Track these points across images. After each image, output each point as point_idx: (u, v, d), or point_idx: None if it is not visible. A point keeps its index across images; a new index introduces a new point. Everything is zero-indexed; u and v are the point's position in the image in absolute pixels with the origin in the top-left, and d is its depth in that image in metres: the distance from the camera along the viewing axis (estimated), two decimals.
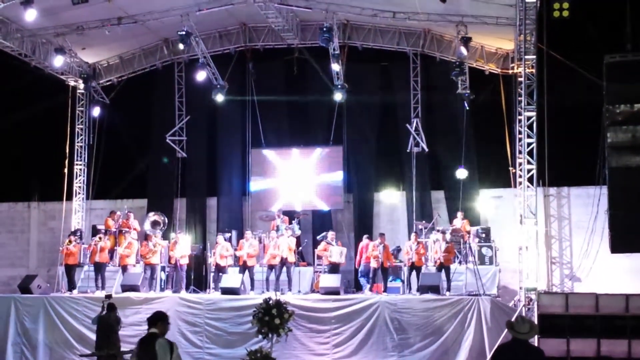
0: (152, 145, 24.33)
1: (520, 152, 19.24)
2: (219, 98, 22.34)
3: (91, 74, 23.58)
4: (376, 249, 19.12)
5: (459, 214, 20.67)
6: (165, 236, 21.12)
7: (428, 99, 22.52)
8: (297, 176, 22.86)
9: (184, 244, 20.14)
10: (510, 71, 21.23)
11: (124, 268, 20.05)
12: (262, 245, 20.40)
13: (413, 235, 19.42)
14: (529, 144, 18.90)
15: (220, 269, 19.69)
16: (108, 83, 24.17)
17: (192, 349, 18.18)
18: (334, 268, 19.51)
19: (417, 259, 18.78)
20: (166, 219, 21.23)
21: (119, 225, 21.07)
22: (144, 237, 20.55)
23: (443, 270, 18.64)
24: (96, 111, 23.46)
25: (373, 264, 19.17)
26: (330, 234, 20.24)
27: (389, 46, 22.49)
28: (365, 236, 20.26)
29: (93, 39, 21.67)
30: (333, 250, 19.68)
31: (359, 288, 20.13)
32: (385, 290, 18.94)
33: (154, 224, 20.92)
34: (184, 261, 19.89)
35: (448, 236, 19.49)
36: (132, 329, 18.15)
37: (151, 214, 21.46)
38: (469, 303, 17.10)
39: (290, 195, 22.82)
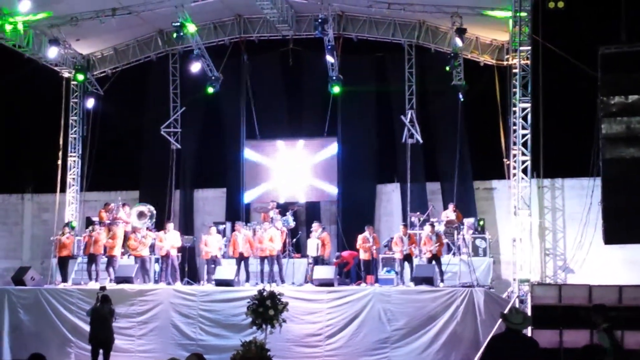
0: (147, 137, 24.22)
1: (514, 144, 19.27)
2: (212, 90, 22.29)
3: (85, 65, 23.49)
4: (367, 241, 19.09)
5: (450, 206, 20.59)
6: (160, 228, 21.02)
7: (423, 90, 22.43)
8: (291, 167, 22.81)
9: (173, 235, 20.08)
10: (505, 62, 21.21)
11: (110, 259, 19.90)
12: (256, 237, 20.35)
13: (401, 227, 19.33)
14: (523, 136, 18.91)
15: (211, 261, 19.68)
16: (102, 74, 24.03)
17: (186, 340, 18.14)
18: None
19: (409, 250, 18.74)
20: (154, 210, 21.07)
21: (113, 217, 20.97)
22: (132, 230, 20.47)
23: (434, 262, 18.57)
24: (90, 103, 23.34)
25: (364, 256, 19.16)
26: (315, 225, 20.15)
27: (384, 37, 22.41)
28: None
29: (87, 30, 21.54)
30: (309, 242, 19.69)
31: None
32: (376, 281, 18.93)
33: (140, 215, 20.76)
34: (174, 252, 19.82)
35: (442, 227, 19.49)
36: (126, 321, 18.23)
37: (139, 205, 21.33)
38: (463, 294, 17.10)
39: (284, 187, 22.77)
